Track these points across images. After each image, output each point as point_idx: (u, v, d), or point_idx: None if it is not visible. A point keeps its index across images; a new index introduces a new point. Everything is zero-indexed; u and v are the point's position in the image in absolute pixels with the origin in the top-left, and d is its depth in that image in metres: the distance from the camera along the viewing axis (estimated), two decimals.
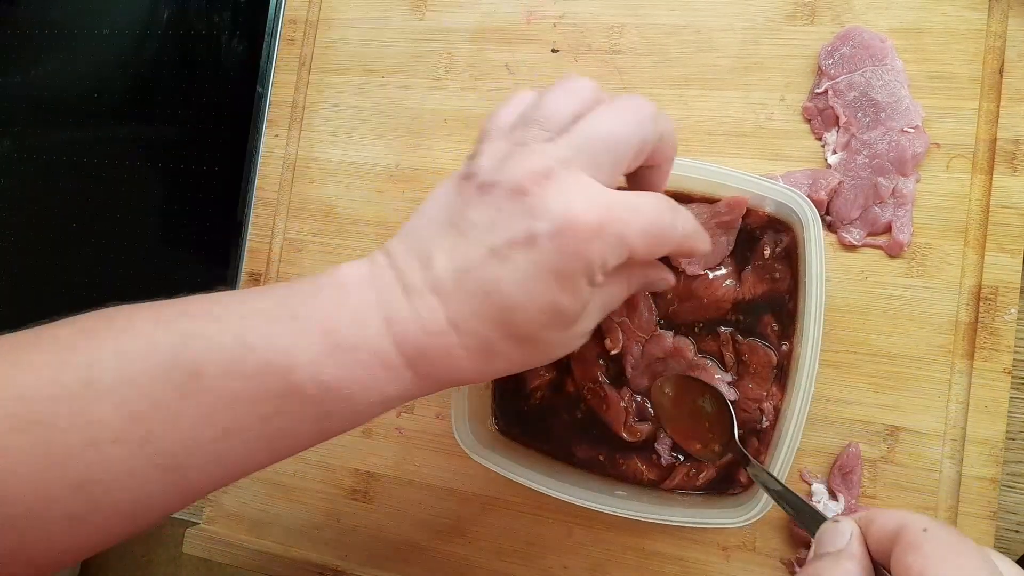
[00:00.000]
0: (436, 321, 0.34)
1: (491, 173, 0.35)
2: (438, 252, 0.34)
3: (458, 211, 0.35)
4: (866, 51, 0.49)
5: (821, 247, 0.44)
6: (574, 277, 0.33)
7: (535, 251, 0.32)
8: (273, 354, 0.33)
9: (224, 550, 0.58)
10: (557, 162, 0.33)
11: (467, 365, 0.34)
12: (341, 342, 0.33)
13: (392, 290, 0.34)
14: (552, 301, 0.33)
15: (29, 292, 0.71)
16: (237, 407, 0.32)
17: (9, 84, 0.75)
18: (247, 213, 0.63)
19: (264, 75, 0.65)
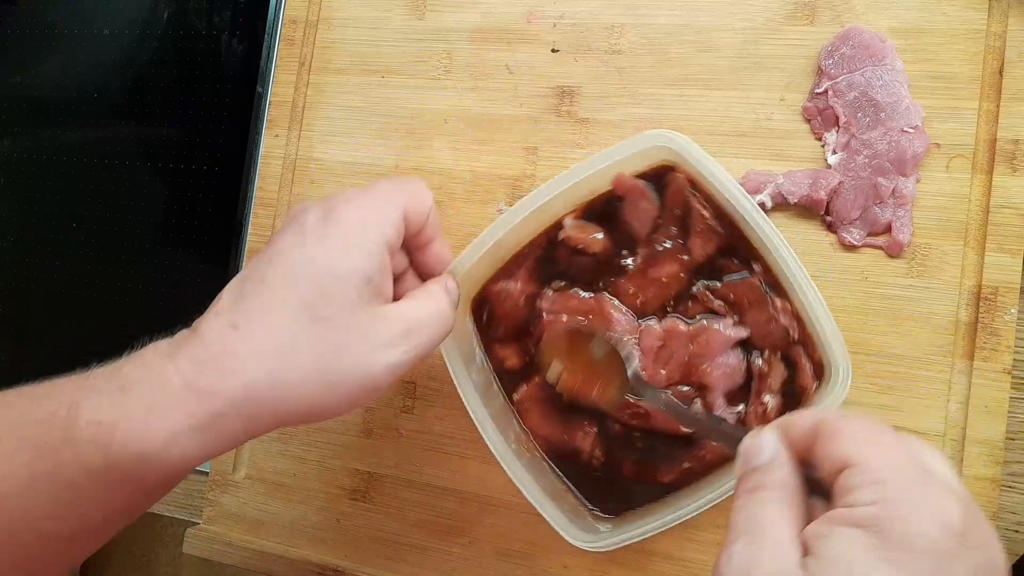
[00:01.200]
0: (215, 330, 0.36)
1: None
2: (226, 290, 0.38)
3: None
4: (866, 51, 0.49)
5: (712, 164, 0.44)
6: (345, 239, 0.38)
7: (306, 236, 0.38)
8: (57, 405, 0.34)
9: (224, 550, 0.58)
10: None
11: (250, 365, 0.35)
12: (123, 384, 0.35)
13: (181, 334, 0.37)
14: (329, 259, 0.37)
15: (29, 292, 0.71)
16: (26, 461, 0.34)
17: (9, 84, 0.75)
18: (247, 213, 0.63)
19: (264, 75, 0.65)
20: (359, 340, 0.36)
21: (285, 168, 0.62)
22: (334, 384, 0.36)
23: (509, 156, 0.56)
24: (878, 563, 0.25)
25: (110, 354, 0.39)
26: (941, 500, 0.26)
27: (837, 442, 0.28)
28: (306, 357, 0.35)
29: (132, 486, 0.35)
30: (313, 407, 0.36)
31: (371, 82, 0.60)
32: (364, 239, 0.37)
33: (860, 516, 0.26)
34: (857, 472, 0.27)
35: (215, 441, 0.35)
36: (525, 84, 0.56)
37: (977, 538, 0.26)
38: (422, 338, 0.39)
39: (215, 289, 0.40)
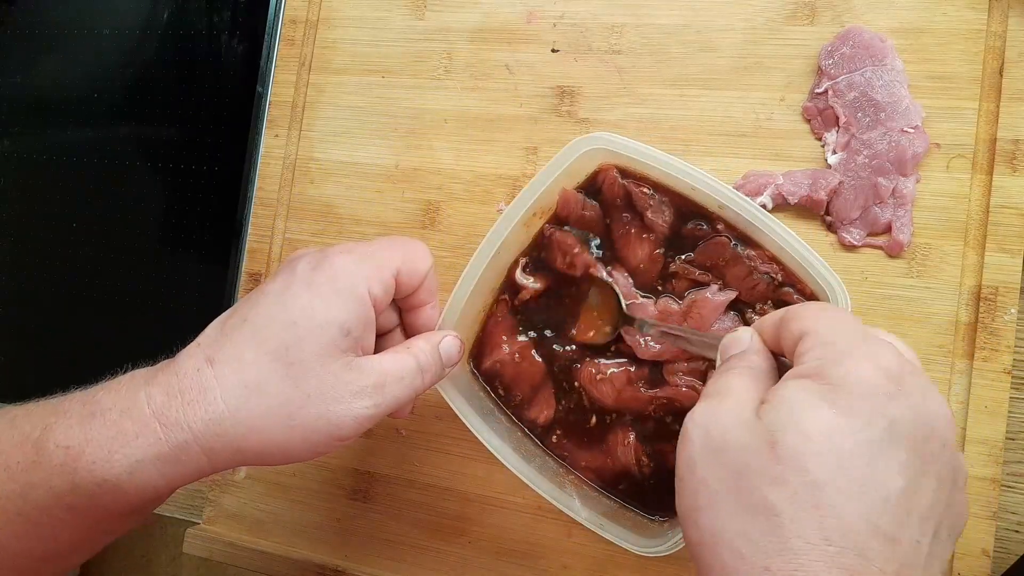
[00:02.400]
0: (188, 365, 0.36)
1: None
2: (208, 328, 0.39)
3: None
4: (866, 51, 0.49)
5: (634, 143, 0.46)
6: (332, 287, 0.39)
7: (292, 284, 0.39)
8: (31, 427, 0.35)
9: (224, 550, 0.58)
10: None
11: (215, 398, 0.35)
12: (94, 410, 0.35)
13: (159, 365, 0.37)
14: (307, 307, 0.38)
15: (29, 292, 0.71)
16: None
17: (9, 84, 0.75)
18: (247, 213, 0.63)
19: (264, 75, 0.65)
20: (326, 389, 0.37)
21: (285, 168, 0.62)
22: (295, 429, 0.36)
23: (509, 156, 0.56)
24: (819, 400, 0.28)
25: (110, 353, 0.39)
26: (878, 350, 0.29)
27: (795, 321, 0.32)
28: (272, 399, 0.36)
29: (97, 512, 0.35)
30: (275, 449, 0.37)
31: (371, 82, 0.60)
32: (349, 291, 0.38)
33: (806, 368, 0.30)
34: (808, 338, 0.31)
35: (179, 472, 0.36)
36: (525, 84, 0.56)
37: (913, 385, 0.29)
38: (391, 393, 0.39)
39: (215, 289, 0.40)
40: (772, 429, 0.28)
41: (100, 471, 0.34)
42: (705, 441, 0.30)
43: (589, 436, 0.50)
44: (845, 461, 0.27)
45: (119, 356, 0.39)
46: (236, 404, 0.35)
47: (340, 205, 0.60)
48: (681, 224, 0.48)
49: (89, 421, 0.35)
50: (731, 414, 0.30)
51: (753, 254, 0.47)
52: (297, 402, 0.36)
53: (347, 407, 0.37)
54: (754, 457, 0.28)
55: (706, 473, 0.30)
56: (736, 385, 0.32)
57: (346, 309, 0.37)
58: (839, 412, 0.28)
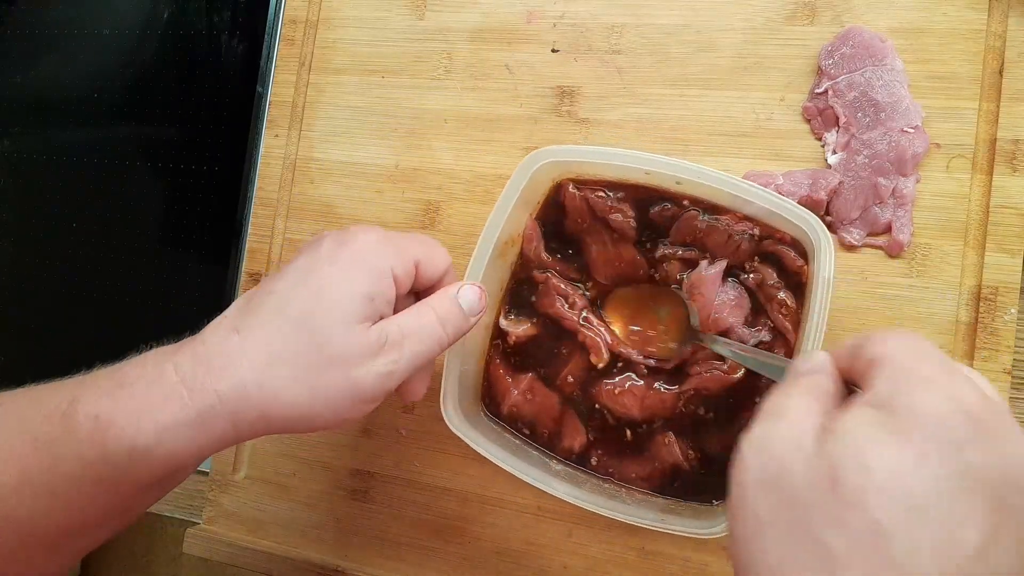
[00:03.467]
0: (215, 335, 0.37)
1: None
2: (233, 303, 0.40)
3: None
4: (866, 51, 0.49)
5: (831, 272, 0.42)
6: (349, 262, 0.39)
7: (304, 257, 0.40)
8: (59, 400, 0.36)
9: (224, 550, 0.58)
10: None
11: (242, 366, 0.36)
12: (122, 381, 0.36)
13: (184, 340, 0.38)
14: (324, 276, 0.39)
15: (29, 292, 0.71)
16: (26, 455, 0.35)
17: (9, 84, 0.75)
18: (247, 213, 0.63)
19: (264, 75, 0.65)
20: (348, 353, 0.37)
21: (285, 168, 0.62)
22: (319, 393, 0.37)
23: (509, 156, 0.56)
24: (887, 436, 0.25)
25: (110, 353, 0.39)
26: (960, 385, 0.26)
27: (871, 345, 0.29)
28: (296, 365, 0.37)
29: (127, 481, 0.36)
30: (299, 415, 0.37)
31: (371, 82, 0.60)
32: (373, 265, 0.39)
33: (875, 397, 0.27)
34: (883, 366, 0.28)
35: (205, 438, 0.36)
36: (525, 84, 0.56)
37: (996, 428, 0.25)
38: (410, 349, 0.39)
39: (215, 289, 0.40)
40: (834, 464, 0.26)
41: (129, 439, 0.35)
42: (760, 468, 0.28)
43: (629, 448, 0.50)
44: (913, 508, 0.24)
45: (119, 356, 0.39)
46: (260, 370, 0.36)
47: (340, 205, 0.60)
48: (647, 211, 0.49)
49: (117, 392, 0.36)
50: (789, 441, 0.28)
51: (724, 218, 0.47)
52: (320, 367, 0.37)
53: (367, 368, 0.38)
54: (812, 493, 0.26)
55: (759, 503, 0.27)
56: (797, 406, 0.29)
57: (369, 280, 0.38)
58: (908, 451, 0.25)
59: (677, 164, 0.46)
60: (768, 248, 0.47)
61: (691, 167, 0.46)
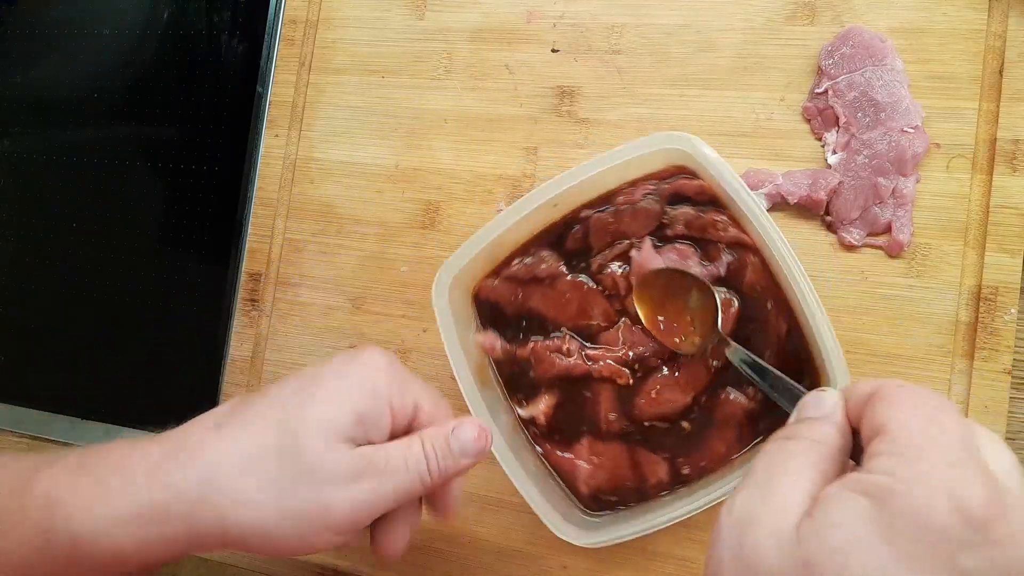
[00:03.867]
0: (204, 423, 0.36)
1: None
2: (217, 407, 0.38)
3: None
4: (866, 51, 0.49)
5: (730, 172, 0.43)
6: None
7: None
8: (25, 469, 0.35)
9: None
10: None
11: (218, 461, 0.35)
12: (86, 461, 0.35)
13: (170, 431, 0.37)
14: (312, 398, 0.37)
15: (29, 292, 0.71)
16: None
17: (9, 84, 0.75)
18: (247, 213, 0.63)
19: (264, 75, 0.65)
20: (323, 470, 0.35)
21: (285, 168, 0.62)
22: (285, 509, 0.34)
23: (509, 156, 0.56)
24: (872, 536, 0.23)
25: (110, 353, 0.39)
26: (966, 480, 0.23)
27: (882, 405, 0.27)
28: (265, 472, 0.34)
29: (68, 569, 0.34)
30: (261, 530, 0.34)
31: (371, 82, 0.60)
32: (373, 384, 0.37)
33: (871, 484, 0.24)
34: (887, 439, 0.25)
35: (155, 538, 0.34)
36: (525, 84, 0.56)
37: (1000, 533, 0.23)
38: (392, 481, 0.36)
39: (215, 289, 0.40)
40: (809, 559, 0.24)
41: (75, 526, 0.33)
42: (736, 550, 0.26)
43: (698, 437, 0.48)
44: None
45: (119, 356, 0.39)
46: (228, 470, 0.34)
47: (340, 205, 0.60)
48: (564, 245, 0.50)
49: (77, 472, 0.34)
50: (768, 525, 0.25)
51: (619, 199, 0.48)
52: (291, 477, 0.34)
53: (342, 490, 0.35)
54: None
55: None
56: (786, 478, 0.27)
57: (363, 400, 0.36)
58: (896, 557, 0.23)
59: (546, 188, 0.46)
60: (667, 192, 0.48)
61: (556, 181, 0.46)
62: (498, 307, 0.51)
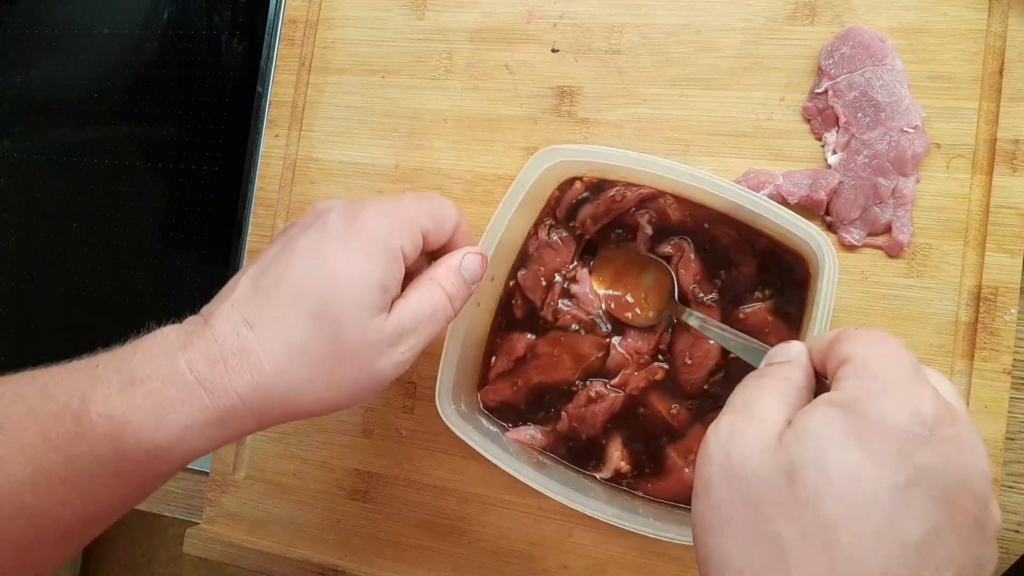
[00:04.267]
0: (226, 329, 0.36)
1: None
2: (236, 280, 0.39)
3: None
4: (866, 51, 0.49)
5: (833, 292, 0.43)
6: (359, 243, 0.39)
7: (323, 236, 0.39)
8: (68, 396, 0.35)
9: (224, 550, 0.58)
10: None
11: (261, 363, 0.36)
12: (130, 379, 0.35)
13: (191, 326, 0.38)
14: (340, 267, 0.38)
15: (29, 292, 0.71)
16: (36, 452, 0.34)
17: (9, 84, 0.75)
18: (247, 213, 0.63)
19: (264, 75, 0.65)
20: (368, 345, 0.37)
21: (285, 168, 0.62)
22: (341, 385, 0.37)
23: (509, 156, 0.56)
24: (844, 437, 0.27)
25: None
26: (918, 391, 0.28)
27: (844, 343, 0.30)
28: (316, 359, 0.37)
29: (143, 476, 0.36)
30: (322, 406, 0.38)
31: (371, 82, 0.60)
32: (384, 248, 0.39)
33: (838, 397, 0.28)
34: (851, 365, 0.29)
35: (226, 435, 0.36)
36: (525, 84, 0.56)
37: (949, 434, 0.27)
38: (425, 331, 0.40)
39: (215, 289, 0.40)
40: (793, 461, 0.27)
41: (148, 439, 0.34)
42: (724, 463, 0.29)
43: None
44: (864, 506, 0.26)
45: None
46: (282, 367, 0.36)
47: None
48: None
49: (129, 389, 0.35)
50: (753, 438, 0.29)
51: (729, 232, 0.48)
52: (340, 360, 0.37)
53: (387, 357, 0.38)
54: (770, 488, 0.27)
55: (721, 496, 0.29)
56: (764, 402, 0.30)
57: (383, 266, 0.38)
58: (865, 454, 0.26)
59: (692, 173, 0.46)
60: (563, 212, 0.50)
61: (701, 175, 0.46)
62: (509, 404, 0.52)
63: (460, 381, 0.51)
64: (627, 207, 0.49)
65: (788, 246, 0.46)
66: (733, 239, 0.48)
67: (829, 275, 0.43)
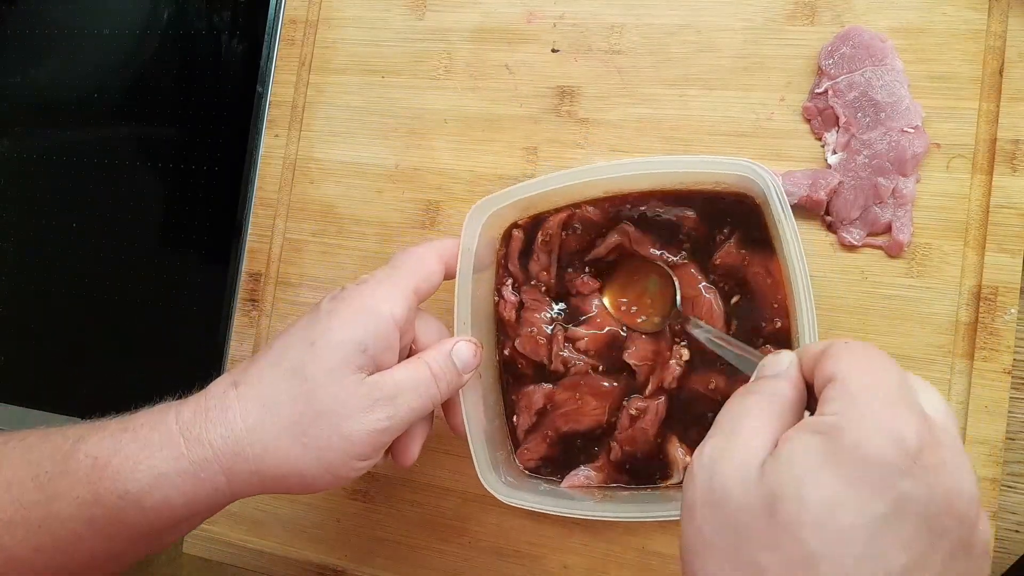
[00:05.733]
0: (223, 383, 0.38)
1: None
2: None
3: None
4: (866, 51, 0.49)
5: (791, 220, 0.44)
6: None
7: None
8: (66, 439, 0.37)
9: (224, 550, 0.58)
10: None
11: (242, 416, 0.37)
12: (128, 425, 0.37)
13: (197, 393, 0.39)
14: (318, 327, 0.40)
15: (29, 292, 0.71)
16: (24, 489, 0.36)
17: (9, 84, 0.75)
18: (247, 213, 0.63)
19: (264, 75, 0.65)
20: (339, 404, 0.37)
21: (285, 168, 0.62)
22: (309, 447, 0.37)
23: (509, 156, 0.56)
24: (826, 467, 0.26)
25: (110, 354, 0.40)
26: (902, 418, 0.27)
27: (831, 360, 0.30)
28: (286, 415, 0.37)
29: (118, 526, 0.36)
30: (291, 470, 0.38)
31: (371, 82, 0.60)
32: (368, 311, 0.39)
33: (821, 423, 0.28)
34: (836, 386, 0.29)
35: (198, 490, 0.37)
36: (525, 84, 0.56)
37: (932, 461, 0.26)
38: (405, 404, 0.39)
39: (215, 289, 0.41)
40: (773, 491, 0.27)
41: (123, 482, 0.35)
42: (707, 489, 0.29)
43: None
44: (844, 536, 0.26)
45: (119, 356, 0.40)
46: (252, 422, 0.37)
47: (340, 205, 0.60)
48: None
49: (120, 434, 0.37)
50: (736, 465, 0.29)
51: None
52: (309, 418, 0.37)
53: (360, 421, 0.38)
54: (752, 518, 0.27)
55: (703, 521, 0.29)
56: (750, 423, 0.30)
57: (363, 328, 0.39)
58: (845, 483, 0.26)
59: (613, 165, 0.48)
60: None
61: (625, 163, 0.47)
62: (549, 457, 0.51)
63: (495, 455, 0.50)
64: (558, 238, 0.50)
65: (727, 192, 0.48)
66: (669, 207, 0.49)
67: (776, 197, 0.44)
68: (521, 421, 0.52)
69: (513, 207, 0.49)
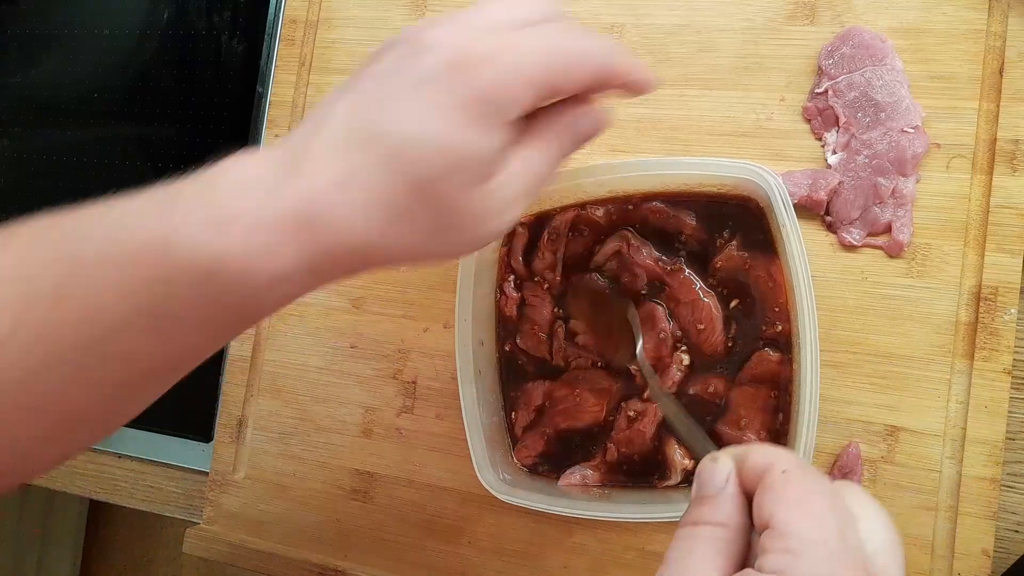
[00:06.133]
0: (324, 178, 0.32)
1: (403, 33, 0.35)
2: (330, 117, 0.33)
3: (355, 74, 0.35)
4: (866, 51, 0.49)
5: (795, 223, 0.44)
6: (469, 109, 0.32)
7: (426, 86, 0.32)
8: (149, 235, 0.32)
9: (224, 550, 0.58)
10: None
11: (362, 225, 0.32)
12: (219, 217, 0.32)
13: (280, 162, 0.33)
14: (449, 138, 0.32)
15: None
16: (118, 298, 0.31)
17: (9, 84, 0.75)
18: None
19: (264, 75, 0.65)
20: (474, 217, 0.34)
21: None
22: (443, 247, 0.35)
23: None
24: None
25: None
26: (840, 571, 0.26)
27: (770, 497, 0.29)
28: (419, 230, 0.33)
29: (234, 317, 0.33)
30: (417, 261, 0.36)
31: None
32: (499, 112, 0.33)
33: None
34: (774, 535, 0.27)
35: (316, 283, 0.34)
36: None
37: None
38: (532, 194, 0.36)
39: None
40: None
41: (242, 283, 0.31)
42: None
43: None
44: None
45: None
46: (377, 229, 0.32)
47: None
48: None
49: (219, 230, 0.32)
50: None
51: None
52: (445, 230, 0.34)
53: (495, 224, 0.35)
54: None
55: None
56: (696, 563, 0.29)
57: (494, 135, 0.33)
58: None
59: (615, 164, 0.48)
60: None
61: (630, 163, 0.48)
62: (546, 454, 0.52)
63: (493, 453, 0.50)
64: (564, 238, 0.50)
65: (729, 194, 0.48)
66: (669, 213, 0.49)
67: (780, 201, 0.44)
68: (519, 418, 0.52)
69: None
